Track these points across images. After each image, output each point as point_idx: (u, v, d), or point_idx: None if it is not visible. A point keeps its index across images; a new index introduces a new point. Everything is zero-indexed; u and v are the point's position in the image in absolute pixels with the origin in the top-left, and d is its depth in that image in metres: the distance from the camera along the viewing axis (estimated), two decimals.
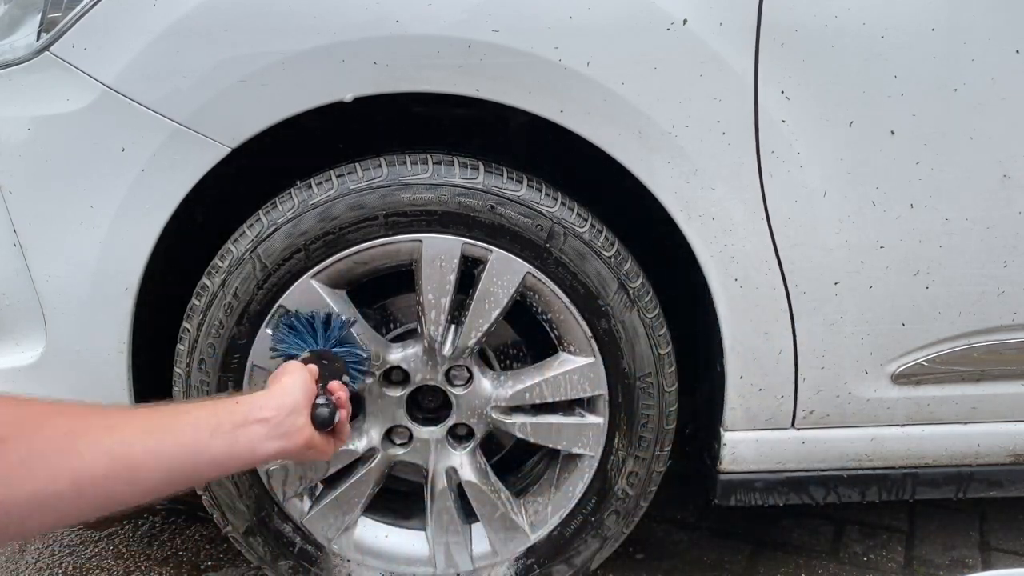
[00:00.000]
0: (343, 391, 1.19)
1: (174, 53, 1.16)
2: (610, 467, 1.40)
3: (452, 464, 1.40)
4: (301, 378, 1.11)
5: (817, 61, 1.18)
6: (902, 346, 1.33)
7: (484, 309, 1.29)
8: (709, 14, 1.16)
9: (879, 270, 1.28)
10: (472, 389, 1.36)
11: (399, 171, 1.25)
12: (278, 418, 1.04)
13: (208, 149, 1.20)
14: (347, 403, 1.18)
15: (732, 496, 1.42)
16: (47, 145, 1.21)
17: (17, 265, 1.26)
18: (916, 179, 1.23)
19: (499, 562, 1.45)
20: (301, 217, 1.25)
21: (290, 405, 1.07)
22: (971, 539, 1.74)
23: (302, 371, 1.13)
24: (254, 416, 1.02)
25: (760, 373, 1.33)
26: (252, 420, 1.01)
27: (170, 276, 1.32)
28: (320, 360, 1.23)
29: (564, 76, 1.16)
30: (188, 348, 1.31)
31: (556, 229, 1.26)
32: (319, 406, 1.11)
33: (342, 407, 1.16)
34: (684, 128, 1.19)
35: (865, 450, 1.41)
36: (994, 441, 1.42)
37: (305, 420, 1.08)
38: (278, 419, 1.04)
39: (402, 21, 1.14)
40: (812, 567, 1.65)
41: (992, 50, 1.19)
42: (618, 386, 1.35)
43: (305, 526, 1.42)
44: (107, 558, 1.68)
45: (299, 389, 1.09)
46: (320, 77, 1.17)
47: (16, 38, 1.23)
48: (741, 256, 1.26)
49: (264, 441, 1.02)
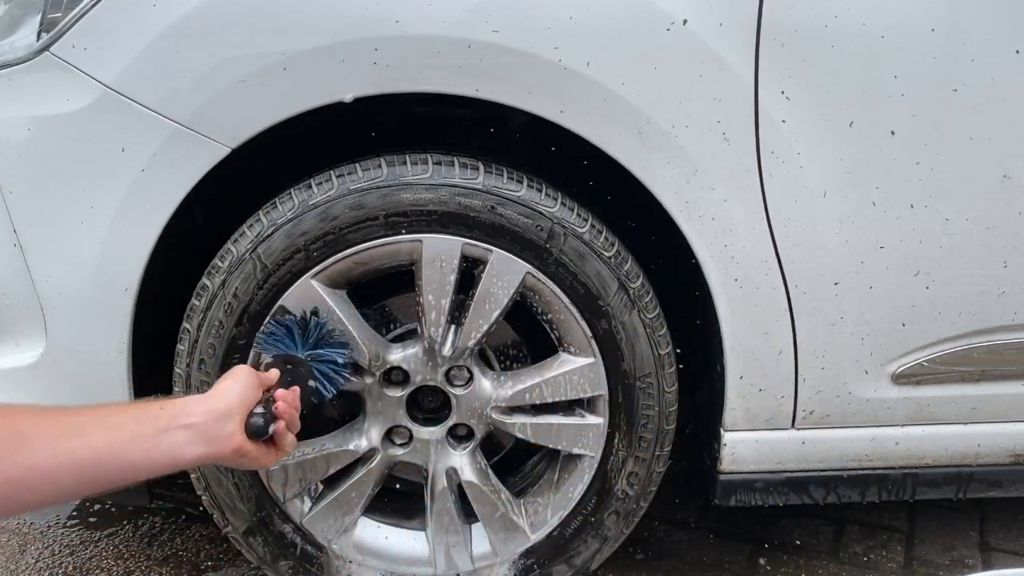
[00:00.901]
0: (289, 401, 1.13)
1: (174, 53, 1.16)
2: (610, 467, 1.40)
3: (452, 464, 1.40)
4: (240, 383, 1.09)
5: (817, 61, 1.18)
6: (902, 346, 1.33)
7: (484, 309, 1.29)
8: (709, 14, 1.16)
9: (879, 270, 1.28)
10: (472, 389, 1.36)
11: (399, 171, 1.25)
12: (205, 423, 1.02)
13: (208, 149, 1.20)
14: (290, 414, 1.13)
15: (732, 496, 1.42)
16: (47, 145, 1.21)
17: (17, 265, 1.26)
18: (916, 179, 1.23)
19: (499, 562, 1.45)
20: (301, 217, 1.25)
21: (220, 410, 1.04)
22: (971, 539, 1.74)
23: (245, 376, 1.11)
24: (178, 422, 1.01)
25: (760, 373, 1.33)
26: (176, 425, 1.00)
27: (170, 276, 1.32)
28: (284, 364, 1.21)
29: (564, 76, 1.16)
30: (188, 348, 1.31)
31: (556, 229, 1.26)
32: (254, 415, 1.07)
33: (281, 417, 1.11)
34: (684, 128, 1.19)
35: (865, 450, 1.41)
36: (994, 441, 1.42)
37: (235, 426, 1.05)
38: (205, 424, 1.02)
39: (402, 21, 1.14)
40: (812, 567, 1.65)
41: (992, 50, 1.19)
42: (618, 386, 1.35)
43: (305, 526, 1.42)
44: (107, 558, 1.68)
45: (235, 394, 1.07)
46: (320, 77, 1.17)
47: (16, 38, 1.23)
48: (741, 256, 1.26)
49: (186, 446, 1.01)
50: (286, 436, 1.13)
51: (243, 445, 1.06)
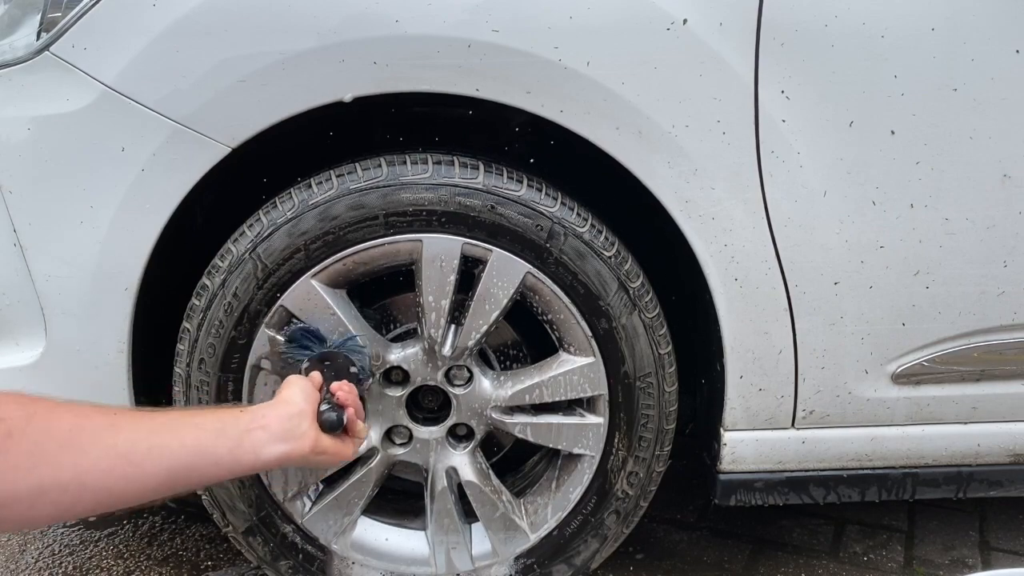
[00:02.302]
0: (347, 390, 1.20)
1: (174, 53, 1.16)
2: (610, 467, 1.40)
3: (452, 464, 1.40)
4: (300, 387, 1.14)
5: (817, 61, 1.18)
6: (902, 346, 1.33)
7: (484, 309, 1.29)
8: (709, 14, 1.16)
9: (879, 270, 1.28)
10: (472, 389, 1.36)
11: (399, 171, 1.25)
12: (281, 425, 1.07)
13: (208, 149, 1.20)
14: (353, 400, 1.19)
15: (732, 496, 1.42)
16: (47, 145, 1.21)
17: (17, 265, 1.26)
18: (916, 179, 1.23)
19: (499, 562, 1.45)
20: (301, 217, 1.25)
21: (293, 412, 1.10)
22: (971, 539, 1.74)
23: (301, 382, 1.16)
24: (257, 423, 1.05)
25: (760, 373, 1.33)
26: (255, 426, 1.05)
27: (170, 276, 1.32)
28: (322, 364, 1.24)
29: (564, 76, 1.16)
30: (188, 348, 1.31)
31: (556, 229, 1.26)
32: (324, 412, 1.14)
33: (347, 406, 1.17)
34: (684, 128, 1.19)
35: (865, 450, 1.41)
36: (994, 441, 1.42)
37: (309, 425, 1.10)
38: (281, 425, 1.07)
39: (402, 21, 1.14)
40: (812, 567, 1.65)
41: (992, 50, 1.19)
42: (618, 386, 1.35)
43: (305, 526, 1.42)
44: (107, 558, 1.68)
45: (300, 397, 1.12)
46: (320, 77, 1.17)
47: (16, 38, 1.23)
48: (741, 256, 1.26)
49: (268, 445, 1.05)
50: (357, 423, 1.19)
51: (320, 441, 1.11)
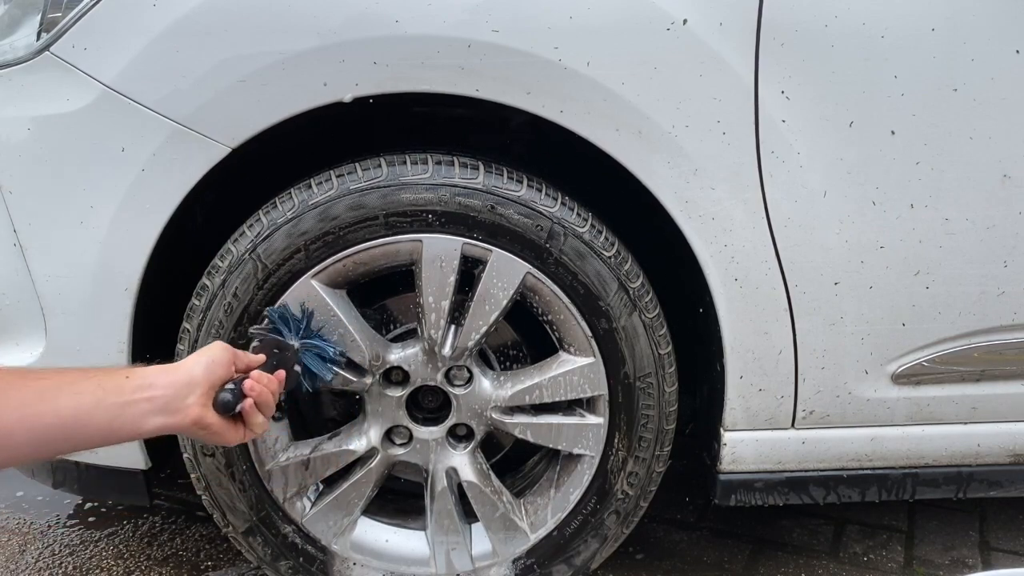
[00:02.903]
0: (263, 382, 1.14)
1: (174, 53, 1.16)
2: (610, 467, 1.40)
3: (452, 464, 1.40)
4: (207, 357, 1.10)
5: (817, 61, 1.18)
6: (902, 346, 1.34)
7: (484, 309, 1.29)
8: (709, 14, 1.16)
9: (879, 270, 1.28)
10: (472, 389, 1.36)
11: (399, 171, 1.25)
12: (166, 395, 1.04)
13: (208, 149, 1.20)
14: (261, 393, 1.13)
15: (732, 496, 1.42)
16: (47, 145, 1.21)
17: (17, 265, 1.27)
18: (916, 179, 1.23)
19: (499, 562, 1.45)
20: (301, 217, 1.25)
21: (182, 382, 1.06)
22: (971, 539, 1.74)
23: (217, 351, 1.12)
24: (141, 394, 1.03)
25: (760, 373, 1.33)
26: (139, 397, 1.03)
27: (170, 276, 1.32)
28: (272, 349, 1.22)
29: (564, 76, 1.16)
30: (188, 348, 1.31)
31: (556, 229, 1.26)
32: (223, 390, 1.10)
33: (249, 395, 1.12)
34: (684, 128, 1.19)
35: (865, 450, 1.41)
36: (994, 441, 1.42)
37: (196, 398, 1.06)
38: (166, 396, 1.04)
39: (402, 21, 1.14)
40: (812, 567, 1.65)
41: (992, 50, 1.19)
42: (618, 386, 1.35)
43: (305, 526, 1.42)
44: (107, 558, 1.68)
45: (200, 367, 1.08)
46: (320, 77, 1.17)
47: (16, 38, 1.23)
48: (741, 256, 1.26)
49: (148, 416, 1.03)
50: (255, 415, 1.14)
51: (203, 417, 1.07)
